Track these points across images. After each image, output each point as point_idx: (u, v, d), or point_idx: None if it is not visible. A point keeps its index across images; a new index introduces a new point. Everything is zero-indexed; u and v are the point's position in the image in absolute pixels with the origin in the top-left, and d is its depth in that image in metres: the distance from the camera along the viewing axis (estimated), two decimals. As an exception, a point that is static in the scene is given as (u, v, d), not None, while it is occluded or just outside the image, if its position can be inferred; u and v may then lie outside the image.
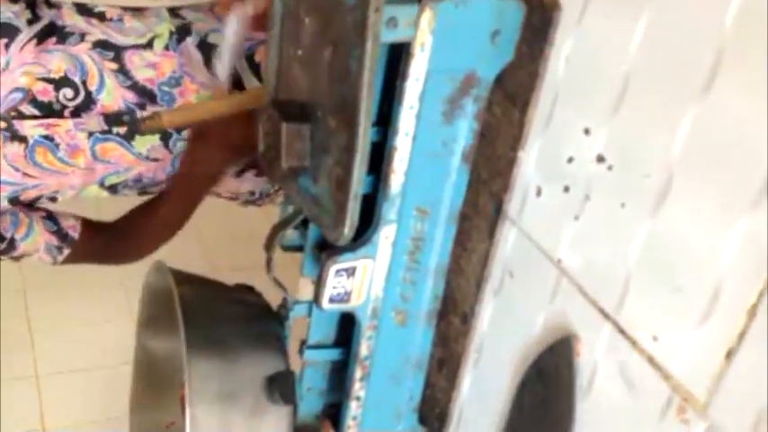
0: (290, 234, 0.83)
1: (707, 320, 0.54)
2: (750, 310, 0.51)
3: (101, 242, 1.14)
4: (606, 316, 0.62)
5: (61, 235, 1.14)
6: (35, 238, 1.11)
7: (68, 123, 1.02)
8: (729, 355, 0.52)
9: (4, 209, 1.05)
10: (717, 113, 0.53)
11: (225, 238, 2.35)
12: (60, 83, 1.01)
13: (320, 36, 0.69)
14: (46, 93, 1.01)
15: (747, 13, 0.51)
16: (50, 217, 1.14)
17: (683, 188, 0.56)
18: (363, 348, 0.79)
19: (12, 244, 1.09)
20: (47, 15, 1.03)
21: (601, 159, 0.62)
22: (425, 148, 0.71)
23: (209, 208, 1.39)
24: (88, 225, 1.14)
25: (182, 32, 1.10)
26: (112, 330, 2.04)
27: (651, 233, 0.58)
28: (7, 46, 0.98)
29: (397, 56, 0.68)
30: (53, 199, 1.09)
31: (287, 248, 0.84)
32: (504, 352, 0.74)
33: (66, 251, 1.09)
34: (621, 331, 0.61)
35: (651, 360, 0.58)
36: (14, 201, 1.05)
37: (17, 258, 1.10)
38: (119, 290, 2.17)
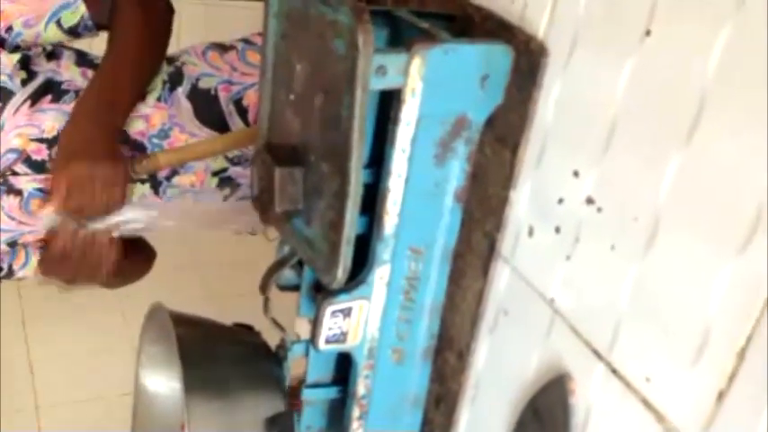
0: (287, 274, 0.84)
1: (698, 363, 0.54)
2: (739, 353, 0.52)
3: None
4: (599, 356, 0.63)
5: None
6: (32, 266, 1.14)
7: None
8: (721, 397, 0.53)
9: (3, 250, 1.07)
10: (701, 158, 0.54)
11: (222, 263, 2.36)
12: (53, 141, 1.03)
13: (311, 83, 0.70)
14: (39, 152, 1.02)
15: (729, 58, 0.52)
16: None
17: (670, 231, 0.56)
18: (361, 387, 0.79)
19: (10, 272, 1.12)
20: (44, 71, 1.04)
21: (590, 201, 0.63)
22: (418, 189, 0.72)
23: (205, 236, 1.41)
24: None
25: (173, 81, 1.12)
26: (112, 361, 2.05)
27: (641, 275, 0.59)
28: (1, 110, 0.99)
29: (389, 97, 0.69)
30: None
31: (283, 288, 0.85)
32: (500, 390, 0.75)
33: None
34: (614, 372, 0.61)
35: (645, 401, 0.58)
36: (12, 244, 1.07)
37: (19, 279, 1.14)
38: (118, 320, 2.18)
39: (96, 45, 1.11)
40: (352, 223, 0.67)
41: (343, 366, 0.83)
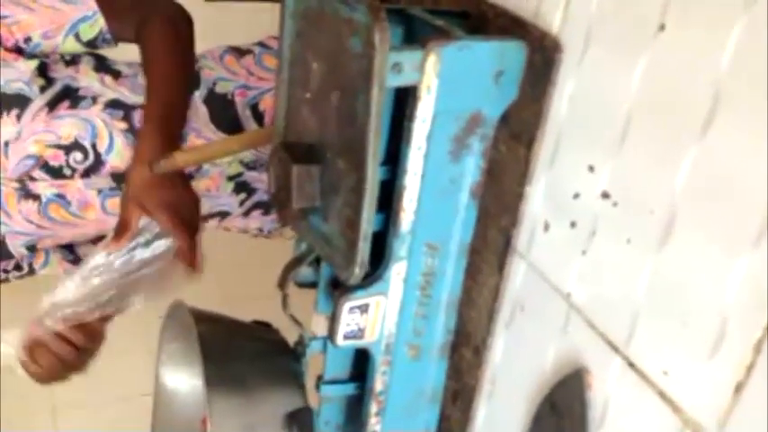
0: (304, 271, 0.85)
1: (715, 355, 0.55)
2: (756, 344, 0.52)
3: None
4: (616, 350, 0.63)
5: (76, 262, 1.18)
6: (53, 267, 1.16)
7: (78, 183, 1.05)
8: (738, 388, 0.53)
9: (21, 253, 1.09)
10: (716, 151, 0.54)
11: (238, 265, 2.37)
12: (70, 148, 1.03)
13: (327, 80, 0.71)
14: (57, 158, 1.03)
15: (742, 54, 0.52)
16: (67, 245, 1.17)
17: (686, 224, 0.57)
18: (378, 383, 0.80)
19: (31, 271, 1.13)
20: (61, 77, 1.04)
21: (606, 196, 0.64)
22: (434, 186, 0.73)
23: (222, 237, 1.42)
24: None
25: (192, 85, 1.13)
26: (128, 363, 2.05)
27: (657, 268, 0.59)
28: (19, 116, 1.00)
29: (404, 95, 0.70)
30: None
31: (301, 285, 0.86)
32: (517, 384, 0.75)
33: None
34: (632, 365, 0.62)
35: (662, 394, 0.59)
36: (31, 248, 1.08)
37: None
38: (134, 322, 2.19)
39: (111, 50, 1.13)
40: (368, 220, 0.68)
41: (361, 362, 0.84)
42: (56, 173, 1.02)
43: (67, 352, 1.04)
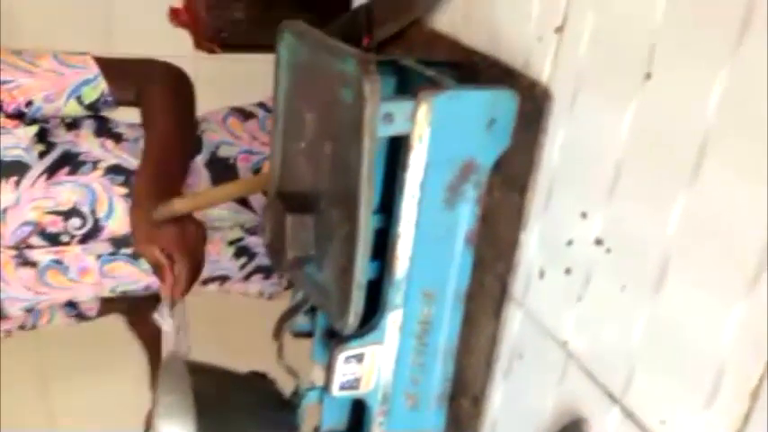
0: (300, 320, 0.84)
1: (712, 404, 0.54)
2: (753, 393, 0.51)
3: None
4: (614, 399, 0.62)
5: (80, 316, 1.18)
6: (57, 322, 1.15)
7: (77, 249, 1.05)
8: (736, 438, 0.52)
9: (21, 315, 1.09)
10: (706, 197, 0.54)
11: (236, 314, 2.36)
12: (69, 214, 1.03)
13: (321, 131, 0.72)
14: (55, 224, 1.03)
15: (728, 99, 0.52)
16: (70, 302, 1.17)
17: (679, 271, 0.56)
18: (375, 434, 0.79)
19: (35, 327, 1.13)
20: (61, 142, 1.04)
21: (599, 242, 0.63)
22: (429, 233, 0.73)
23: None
24: (106, 303, 1.19)
25: (193, 148, 1.13)
26: (130, 417, 2.05)
27: (652, 316, 0.59)
28: (17, 183, 1.00)
29: (398, 143, 0.70)
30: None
31: (297, 335, 0.85)
32: (516, 434, 0.74)
33: (85, 322, 1.20)
34: (630, 415, 0.61)
35: (660, 444, 0.58)
36: (30, 309, 1.08)
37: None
38: (137, 373, 2.18)
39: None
40: (362, 268, 0.68)
41: (358, 412, 0.83)
42: (54, 239, 1.01)
43: None
